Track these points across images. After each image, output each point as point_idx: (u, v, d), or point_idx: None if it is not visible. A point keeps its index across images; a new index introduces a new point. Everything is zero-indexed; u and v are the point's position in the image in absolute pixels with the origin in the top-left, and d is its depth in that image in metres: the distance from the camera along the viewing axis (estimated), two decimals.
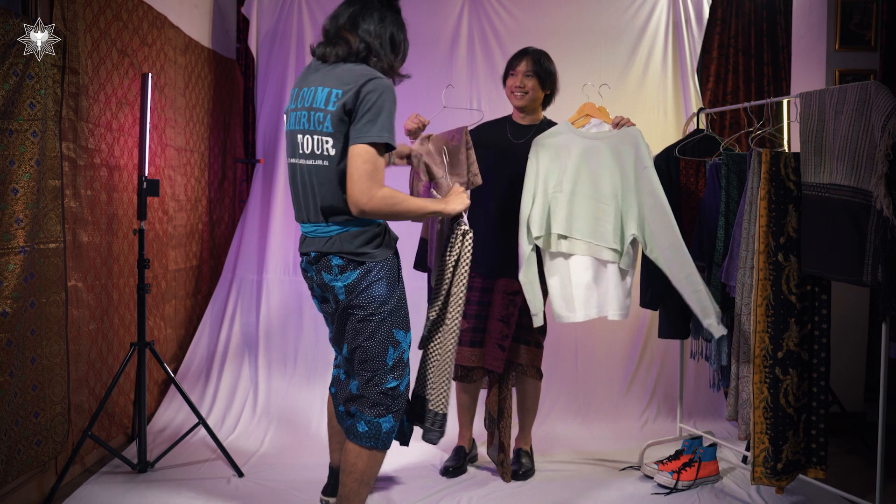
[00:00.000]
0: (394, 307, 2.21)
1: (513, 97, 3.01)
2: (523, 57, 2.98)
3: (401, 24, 2.28)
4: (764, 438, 2.57)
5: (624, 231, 2.72)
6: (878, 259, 2.29)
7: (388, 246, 2.22)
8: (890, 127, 2.26)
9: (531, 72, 2.95)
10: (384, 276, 2.18)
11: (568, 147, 2.78)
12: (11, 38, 2.28)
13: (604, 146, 2.75)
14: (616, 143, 2.74)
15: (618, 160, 2.72)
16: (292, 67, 3.99)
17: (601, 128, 2.80)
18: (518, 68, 2.97)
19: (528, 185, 2.80)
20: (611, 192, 2.73)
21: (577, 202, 2.75)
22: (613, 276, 2.75)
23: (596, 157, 2.75)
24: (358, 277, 2.16)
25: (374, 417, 2.20)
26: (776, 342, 2.56)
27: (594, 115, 2.83)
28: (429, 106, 3.98)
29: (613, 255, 2.73)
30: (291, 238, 4.00)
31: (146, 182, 2.94)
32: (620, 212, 2.72)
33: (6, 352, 2.32)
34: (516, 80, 2.97)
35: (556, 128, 2.86)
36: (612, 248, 2.72)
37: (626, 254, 2.73)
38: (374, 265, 2.17)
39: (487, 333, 2.96)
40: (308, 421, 3.55)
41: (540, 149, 2.81)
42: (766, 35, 4.05)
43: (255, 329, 3.91)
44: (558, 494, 2.87)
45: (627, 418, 3.77)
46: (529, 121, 3.03)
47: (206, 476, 2.97)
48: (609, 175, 2.73)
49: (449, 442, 3.12)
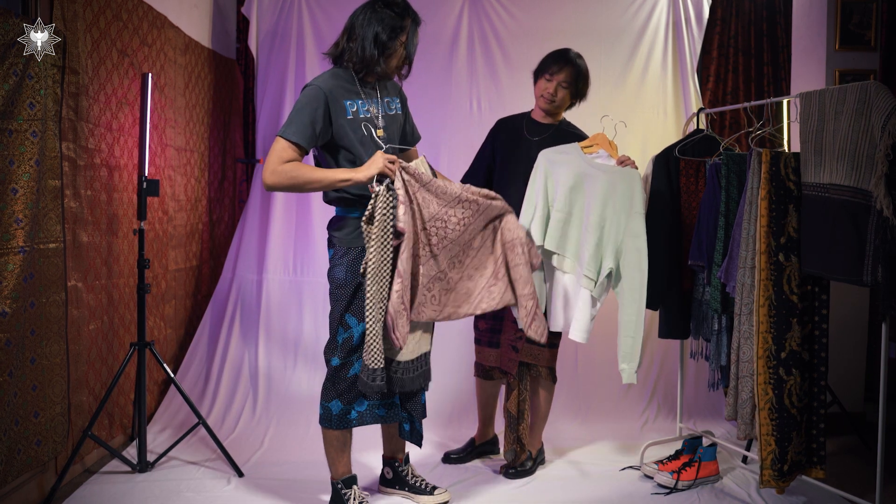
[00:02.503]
0: (351, 294, 2.46)
1: (541, 100, 2.99)
2: (566, 66, 2.92)
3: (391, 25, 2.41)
4: (770, 440, 2.56)
5: (602, 262, 2.78)
6: (878, 259, 2.29)
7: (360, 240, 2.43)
8: (890, 127, 2.26)
9: (568, 83, 2.93)
10: (345, 262, 2.47)
11: (571, 169, 2.82)
12: (11, 38, 2.28)
13: (603, 177, 2.78)
14: (614, 178, 2.78)
15: (611, 195, 2.77)
16: (292, 67, 3.99)
17: (607, 161, 2.84)
18: (557, 76, 2.92)
19: (530, 195, 2.87)
20: (597, 222, 2.76)
21: (571, 224, 2.83)
22: (584, 301, 2.78)
23: (592, 186, 2.78)
24: (331, 256, 2.54)
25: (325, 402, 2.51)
26: (779, 343, 2.55)
27: (604, 147, 2.87)
28: (429, 105, 3.99)
29: (587, 283, 2.76)
30: (291, 238, 4.00)
31: (146, 182, 2.94)
32: (602, 243, 2.77)
33: (6, 352, 2.32)
34: (550, 87, 2.94)
35: (565, 147, 2.88)
36: (587, 276, 2.76)
37: (600, 284, 2.77)
38: (340, 249, 2.49)
39: (503, 334, 2.98)
40: (308, 421, 3.54)
41: (546, 162, 2.86)
42: (766, 35, 4.05)
43: (255, 329, 3.91)
44: (558, 494, 2.87)
45: (627, 418, 3.77)
46: (550, 120, 3.05)
47: (206, 476, 2.97)
48: (600, 206, 2.77)
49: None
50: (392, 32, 2.41)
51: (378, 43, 2.41)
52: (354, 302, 2.47)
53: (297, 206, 4.01)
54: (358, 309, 2.47)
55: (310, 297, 3.93)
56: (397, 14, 2.42)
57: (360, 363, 2.48)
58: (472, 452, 3.20)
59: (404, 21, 2.44)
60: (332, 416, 2.51)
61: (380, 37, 2.40)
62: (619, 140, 3.90)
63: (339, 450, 2.58)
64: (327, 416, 2.52)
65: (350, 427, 2.55)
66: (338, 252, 2.49)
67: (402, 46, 2.47)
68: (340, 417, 2.52)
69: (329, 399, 2.51)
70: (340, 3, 3.89)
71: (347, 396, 2.50)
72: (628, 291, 2.78)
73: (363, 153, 2.45)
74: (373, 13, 2.42)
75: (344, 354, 2.49)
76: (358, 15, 2.45)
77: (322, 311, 3.87)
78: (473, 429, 3.36)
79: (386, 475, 2.83)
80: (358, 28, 2.43)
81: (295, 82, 3.99)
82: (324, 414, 2.53)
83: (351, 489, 2.58)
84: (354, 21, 2.45)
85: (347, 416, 2.52)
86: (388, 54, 2.44)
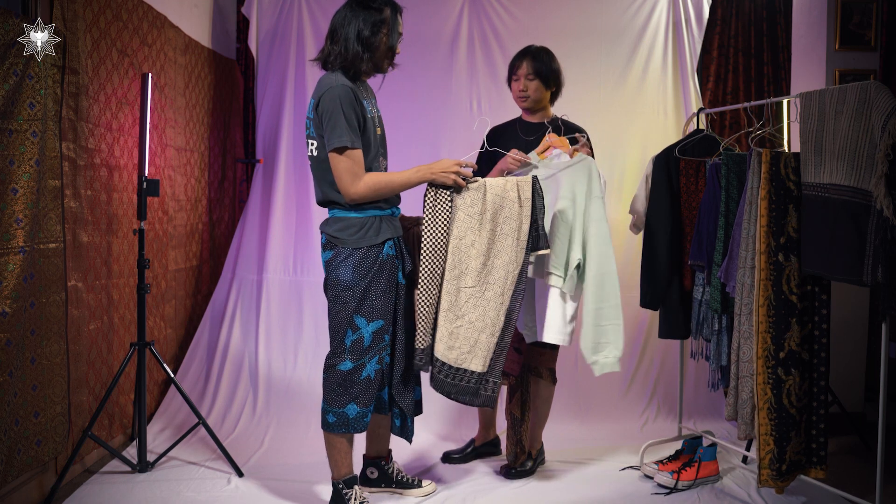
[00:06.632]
0: (360, 295, 2.46)
1: (518, 101, 3.02)
2: (523, 58, 2.98)
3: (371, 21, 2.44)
4: (769, 440, 2.56)
5: (570, 256, 2.74)
6: (878, 259, 2.29)
7: (366, 239, 2.46)
8: (890, 127, 2.25)
9: (532, 73, 2.95)
10: (351, 262, 2.45)
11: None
12: (11, 38, 2.28)
13: (562, 176, 2.77)
14: (573, 172, 2.76)
15: (571, 186, 2.75)
16: (292, 67, 3.99)
17: (561, 158, 2.82)
18: (519, 71, 2.98)
19: None
20: (560, 216, 2.74)
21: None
22: (553, 299, 2.74)
23: (553, 185, 2.77)
24: (330, 258, 2.50)
25: (338, 408, 2.49)
26: (778, 343, 2.56)
27: (555, 145, 2.85)
28: (429, 105, 3.99)
29: (556, 280, 2.74)
30: (291, 238, 4.00)
31: (146, 182, 2.94)
32: (571, 236, 2.74)
33: (6, 352, 2.32)
34: (519, 85, 2.98)
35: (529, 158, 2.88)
36: (553, 273, 2.74)
37: (570, 278, 2.73)
38: (343, 250, 2.46)
39: None
40: (308, 421, 3.55)
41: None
42: (766, 35, 4.05)
43: (255, 329, 3.91)
44: (558, 494, 2.87)
45: (627, 418, 3.77)
46: (539, 118, 3.04)
47: (206, 476, 2.97)
48: (563, 201, 2.74)
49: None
50: (374, 27, 2.44)
51: (361, 39, 2.43)
52: (365, 303, 2.46)
53: (297, 206, 4.01)
54: (368, 309, 2.47)
55: (310, 297, 3.93)
56: (376, 8, 2.45)
57: (372, 364, 2.49)
58: (473, 453, 3.20)
59: (383, 14, 2.46)
60: (348, 421, 2.49)
61: (362, 33, 2.43)
62: (619, 140, 3.94)
63: (345, 451, 2.57)
64: (342, 421, 2.49)
65: (365, 428, 2.55)
66: (340, 253, 2.47)
67: (385, 38, 2.48)
68: (358, 420, 2.50)
69: (343, 404, 2.49)
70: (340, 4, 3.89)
71: (364, 398, 2.49)
72: (590, 279, 2.71)
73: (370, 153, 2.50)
74: (352, 12, 2.45)
75: (356, 357, 2.48)
76: (338, 16, 2.48)
77: (322, 311, 3.87)
78: (473, 429, 3.36)
79: (369, 475, 2.81)
80: (340, 29, 2.46)
81: (295, 82, 3.99)
82: (337, 421, 2.50)
83: (352, 489, 2.58)
84: (336, 23, 2.48)
85: (364, 420, 2.52)
86: (373, 49, 2.47)
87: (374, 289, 2.48)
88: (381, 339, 2.51)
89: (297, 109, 4.00)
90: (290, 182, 4.01)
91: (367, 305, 2.47)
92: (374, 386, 2.52)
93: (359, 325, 2.48)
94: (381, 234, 2.49)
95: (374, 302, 2.48)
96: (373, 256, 2.47)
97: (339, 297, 2.48)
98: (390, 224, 2.54)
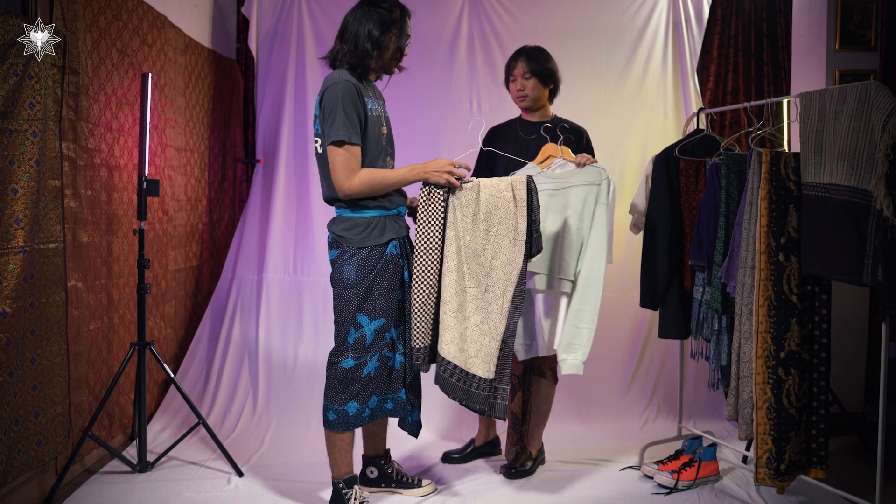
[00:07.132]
0: (363, 294, 2.49)
1: (517, 101, 3.03)
2: (518, 59, 2.99)
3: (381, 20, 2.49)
4: (767, 439, 2.57)
5: (579, 261, 2.75)
6: (878, 259, 2.29)
7: (371, 238, 2.49)
8: (890, 127, 2.25)
9: (528, 72, 2.96)
10: (355, 262, 2.48)
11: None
12: (11, 38, 2.28)
13: (573, 185, 2.76)
14: (584, 179, 2.76)
15: (583, 198, 2.74)
16: (292, 67, 3.99)
17: (565, 167, 2.82)
18: (515, 71, 2.99)
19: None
20: (575, 227, 2.75)
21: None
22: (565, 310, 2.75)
23: (566, 196, 2.76)
24: (336, 256, 2.53)
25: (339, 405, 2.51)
26: (778, 343, 2.55)
27: (556, 154, 2.85)
28: (429, 105, 3.99)
29: (566, 286, 2.75)
30: (291, 238, 4.00)
31: (146, 182, 2.94)
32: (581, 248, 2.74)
33: (6, 352, 2.32)
34: (517, 84, 2.99)
35: (524, 169, 2.87)
36: (564, 279, 2.75)
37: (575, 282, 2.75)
38: (348, 249, 2.49)
39: None
40: (308, 421, 3.55)
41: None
42: (766, 35, 4.05)
43: (255, 329, 3.91)
44: (558, 494, 2.87)
45: (627, 418, 3.77)
46: (538, 117, 3.05)
47: (206, 476, 2.97)
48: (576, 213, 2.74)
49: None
50: (384, 27, 2.50)
51: (371, 38, 2.48)
52: (367, 301, 2.50)
53: (297, 206, 4.01)
54: (370, 308, 2.51)
55: (310, 297, 3.93)
56: (387, 9, 2.51)
57: (373, 362, 2.52)
58: (473, 453, 3.20)
59: (394, 15, 2.52)
60: (348, 418, 2.53)
61: (372, 33, 2.48)
62: (619, 140, 3.94)
63: (345, 450, 2.58)
64: (342, 419, 2.52)
65: (364, 424, 2.59)
66: (345, 252, 2.50)
67: (395, 39, 2.53)
68: (357, 417, 2.54)
69: (344, 402, 2.52)
70: (340, 3, 3.89)
71: (363, 396, 2.53)
72: (579, 280, 2.72)
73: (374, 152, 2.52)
74: (363, 12, 2.51)
75: (357, 354, 2.52)
76: (349, 16, 2.54)
77: (322, 311, 3.87)
78: (474, 429, 3.36)
79: (369, 475, 2.81)
80: (350, 27, 2.51)
81: (295, 82, 3.99)
82: (337, 418, 2.53)
83: (352, 489, 2.58)
84: (347, 22, 2.54)
85: (363, 416, 2.55)
86: (382, 48, 2.51)
87: (377, 288, 2.50)
88: (382, 336, 2.54)
89: (296, 109, 4.00)
90: (290, 182, 4.01)
91: (369, 304, 2.50)
92: (375, 383, 2.54)
93: (361, 324, 2.51)
94: (386, 234, 2.52)
95: (376, 301, 2.51)
96: (377, 256, 2.50)
97: (343, 296, 2.52)
98: (395, 224, 2.56)
